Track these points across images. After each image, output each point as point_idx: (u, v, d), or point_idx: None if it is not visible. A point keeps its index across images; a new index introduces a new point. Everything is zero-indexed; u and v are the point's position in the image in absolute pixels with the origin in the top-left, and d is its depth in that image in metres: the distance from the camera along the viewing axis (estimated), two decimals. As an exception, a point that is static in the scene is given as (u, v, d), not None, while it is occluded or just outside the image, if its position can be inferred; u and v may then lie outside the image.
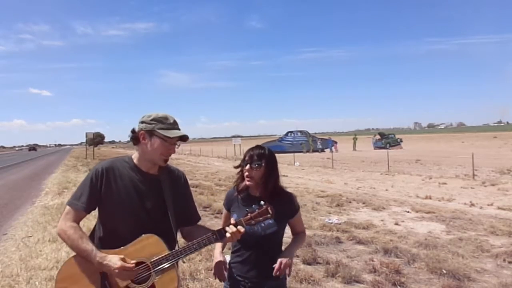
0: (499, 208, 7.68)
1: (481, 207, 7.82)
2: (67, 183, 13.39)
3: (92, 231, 1.78)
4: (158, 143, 1.66)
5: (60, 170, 21.33)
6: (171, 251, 1.60)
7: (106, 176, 1.67)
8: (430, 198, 9.01)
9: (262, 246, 1.89)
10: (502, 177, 12.14)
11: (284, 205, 1.92)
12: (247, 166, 1.92)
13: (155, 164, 1.73)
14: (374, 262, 4.41)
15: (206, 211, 7.83)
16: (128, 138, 1.77)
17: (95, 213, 1.75)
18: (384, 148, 32.60)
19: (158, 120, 1.67)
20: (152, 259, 1.58)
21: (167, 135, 1.65)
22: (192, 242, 1.64)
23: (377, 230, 6.00)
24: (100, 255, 1.54)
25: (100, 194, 1.65)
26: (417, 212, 7.47)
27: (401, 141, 38.03)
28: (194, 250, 1.64)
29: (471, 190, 10.12)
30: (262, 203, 1.72)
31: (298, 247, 2.10)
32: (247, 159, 1.94)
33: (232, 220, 1.70)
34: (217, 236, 1.66)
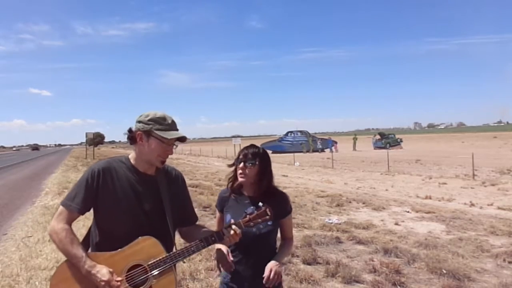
0: (499, 208, 7.67)
1: (481, 207, 7.82)
2: (67, 183, 13.38)
3: (87, 235, 1.74)
4: (155, 144, 1.63)
5: (60, 170, 21.34)
6: (169, 254, 1.57)
7: (103, 177, 1.62)
8: (430, 198, 9.01)
9: (257, 245, 1.88)
10: (502, 177, 12.14)
11: (278, 204, 1.90)
12: (241, 164, 1.92)
13: (152, 165, 1.69)
14: (374, 262, 4.41)
15: (206, 211, 7.82)
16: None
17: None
18: (384, 148, 32.60)
19: (155, 121, 1.63)
20: (150, 262, 1.54)
21: (164, 137, 1.62)
22: (190, 244, 1.62)
23: (377, 230, 6.00)
24: (89, 263, 1.50)
25: (96, 196, 1.61)
26: (417, 212, 7.47)
27: (401, 141, 38.04)
28: (192, 253, 1.62)
29: (471, 190, 10.12)
30: (261, 204, 1.70)
31: (286, 255, 2.09)
32: (241, 157, 1.94)
33: (231, 221, 1.68)
34: (215, 238, 1.64)
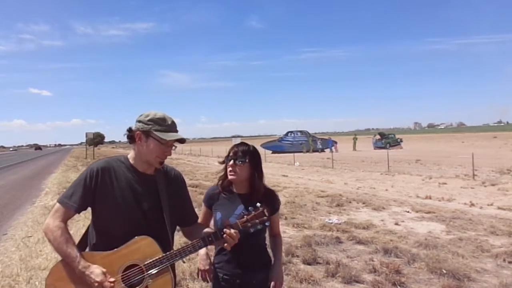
0: (499, 208, 7.67)
1: (481, 207, 7.82)
2: (67, 183, 13.38)
3: (84, 235, 1.74)
4: (153, 145, 1.63)
5: (60, 170, 21.34)
6: (166, 254, 1.57)
7: (101, 176, 1.62)
8: (430, 198, 9.01)
9: (248, 243, 1.87)
10: (502, 177, 12.13)
11: (268, 202, 1.90)
12: (231, 162, 1.92)
13: (150, 165, 1.69)
14: (374, 262, 4.41)
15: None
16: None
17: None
18: (384, 148, 32.60)
19: (155, 121, 1.63)
20: (146, 262, 1.54)
21: (163, 138, 1.62)
22: (187, 244, 1.62)
23: (377, 230, 6.00)
24: (83, 264, 1.50)
25: (94, 195, 1.61)
26: (417, 212, 7.47)
27: (401, 141, 38.03)
28: (189, 253, 1.61)
29: (471, 190, 10.11)
30: (258, 205, 1.71)
31: (281, 255, 2.11)
32: (231, 155, 1.94)
33: (226, 221, 1.68)
34: (212, 239, 1.63)
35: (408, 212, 7.55)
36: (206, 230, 1.74)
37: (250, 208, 1.71)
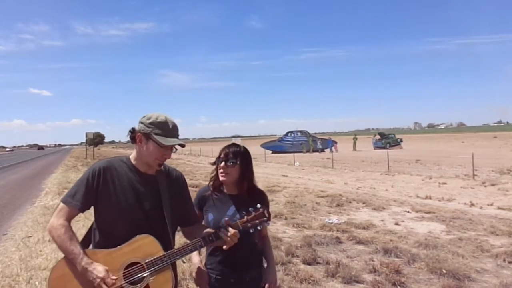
0: (499, 208, 7.68)
1: (481, 207, 7.82)
2: (67, 183, 13.38)
3: (87, 234, 1.76)
4: (153, 148, 1.65)
5: (60, 170, 21.34)
6: (166, 252, 1.59)
7: (103, 176, 1.65)
8: (430, 198, 9.02)
9: (242, 243, 1.84)
10: (502, 177, 12.13)
11: (259, 203, 1.89)
12: (222, 163, 1.92)
13: (150, 166, 1.72)
14: (374, 262, 4.41)
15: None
16: (128, 138, 1.75)
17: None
18: (384, 148, 32.60)
19: (156, 125, 1.64)
20: (147, 260, 1.56)
21: (162, 142, 1.63)
22: (187, 243, 1.64)
23: (377, 230, 6.00)
24: (86, 260, 1.52)
25: (96, 194, 1.63)
26: (417, 212, 7.47)
27: (401, 141, 38.04)
28: (189, 252, 1.64)
29: (471, 190, 10.12)
30: (259, 206, 1.71)
31: (274, 261, 2.12)
32: (222, 156, 1.94)
33: (225, 221, 1.68)
34: (213, 238, 1.64)
35: (408, 212, 7.56)
36: (207, 230, 1.76)
37: (250, 208, 1.71)
